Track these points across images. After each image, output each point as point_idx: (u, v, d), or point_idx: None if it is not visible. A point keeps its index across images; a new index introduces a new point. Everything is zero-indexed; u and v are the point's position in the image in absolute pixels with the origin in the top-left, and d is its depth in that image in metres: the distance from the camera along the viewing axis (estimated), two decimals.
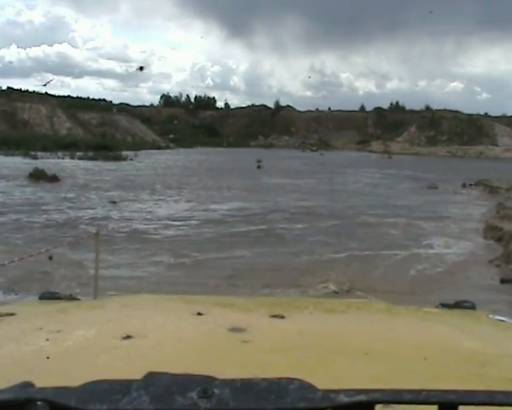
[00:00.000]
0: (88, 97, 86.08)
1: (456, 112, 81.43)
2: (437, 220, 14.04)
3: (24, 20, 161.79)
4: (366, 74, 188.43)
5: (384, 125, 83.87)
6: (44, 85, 64.66)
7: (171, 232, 11.96)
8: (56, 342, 1.00)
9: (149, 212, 14.85)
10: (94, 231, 6.56)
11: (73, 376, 0.76)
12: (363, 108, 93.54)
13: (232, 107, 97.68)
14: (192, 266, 8.96)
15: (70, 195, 17.50)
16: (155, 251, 9.92)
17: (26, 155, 36.74)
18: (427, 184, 24.06)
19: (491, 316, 1.43)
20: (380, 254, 9.94)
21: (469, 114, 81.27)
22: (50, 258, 8.43)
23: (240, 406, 0.54)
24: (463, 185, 24.90)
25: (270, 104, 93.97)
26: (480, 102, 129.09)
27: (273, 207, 15.78)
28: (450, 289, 7.61)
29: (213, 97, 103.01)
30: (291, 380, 0.57)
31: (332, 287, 7.48)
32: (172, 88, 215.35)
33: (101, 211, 14.66)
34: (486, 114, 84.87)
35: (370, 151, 67.84)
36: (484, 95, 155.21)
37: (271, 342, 1.02)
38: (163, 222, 13.21)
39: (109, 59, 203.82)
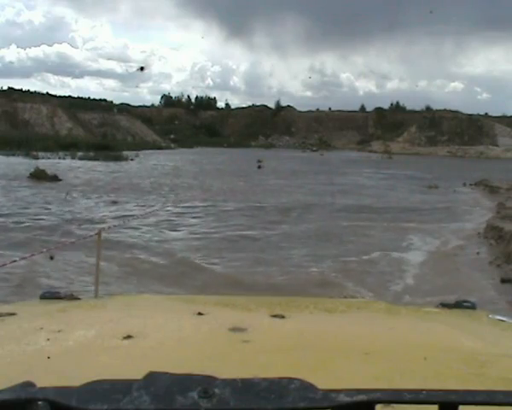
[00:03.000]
0: (88, 97, 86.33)
1: (457, 112, 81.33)
2: (437, 220, 14.04)
3: (24, 20, 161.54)
4: (366, 74, 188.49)
5: (384, 125, 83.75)
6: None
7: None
8: (57, 342, 1.01)
9: (149, 213, 14.84)
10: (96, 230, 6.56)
11: (74, 376, 0.76)
12: (363, 109, 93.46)
13: (233, 107, 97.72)
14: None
15: (71, 194, 17.50)
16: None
17: (27, 155, 36.69)
18: (427, 184, 24.07)
19: (491, 316, 1.43)
20: (380, 254, 9.95)
21: (469, 114, 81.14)
22: (51, 258, 8.44)
23: (240, 405, 0.54)
24: (464, 185, 24.92)
25: (271, 104, 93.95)
26: (480, 102, 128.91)
27: (275, 208, 15.82)
28: (450, 288, 7.60)
29: (214, 97, 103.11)
30: (291, 380, 0.57)
31: None
32: (173, 88, 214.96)
33: (101, 211, 14.66)
34: (486, 114, 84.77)
35: (371, 151, 67.70)
36: (484, 95, 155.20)
37: (272, 341, 1.02)
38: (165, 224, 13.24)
39: (109, 59, 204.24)
